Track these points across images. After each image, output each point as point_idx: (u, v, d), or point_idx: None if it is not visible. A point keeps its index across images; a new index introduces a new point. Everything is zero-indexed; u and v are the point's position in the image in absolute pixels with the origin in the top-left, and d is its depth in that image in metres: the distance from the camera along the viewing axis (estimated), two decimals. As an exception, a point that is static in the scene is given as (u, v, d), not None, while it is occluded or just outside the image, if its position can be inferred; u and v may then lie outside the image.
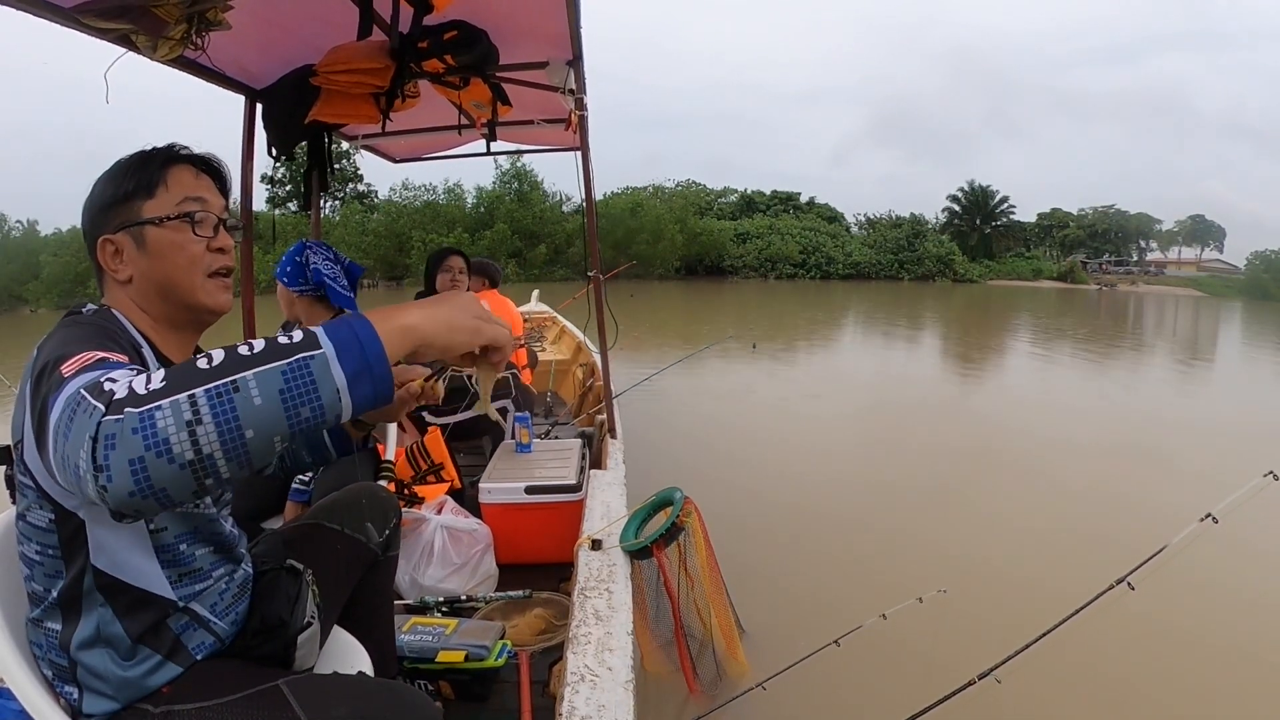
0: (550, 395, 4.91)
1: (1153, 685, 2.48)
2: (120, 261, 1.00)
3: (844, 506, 4.31)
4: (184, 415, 0.61)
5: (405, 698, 1.01)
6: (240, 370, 0.64)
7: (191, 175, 1.04)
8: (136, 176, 1.00)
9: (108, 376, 0.67)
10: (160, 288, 1.01)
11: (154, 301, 1.02)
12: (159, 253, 1.00)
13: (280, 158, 2.59)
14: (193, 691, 0.96)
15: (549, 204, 35.24)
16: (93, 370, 0.72)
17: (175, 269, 1.01)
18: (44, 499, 0.90)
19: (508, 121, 3.07)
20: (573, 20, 2.28)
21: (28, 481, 0.90)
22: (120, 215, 1.00)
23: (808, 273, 39.34)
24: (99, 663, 0.94)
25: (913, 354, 12.54)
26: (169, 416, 0.61)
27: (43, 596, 0.94)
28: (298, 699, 0.95)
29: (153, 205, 1.00)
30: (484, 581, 2.25)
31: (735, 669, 2.21)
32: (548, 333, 6.54)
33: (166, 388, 0.62)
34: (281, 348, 0.66)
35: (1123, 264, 52.66)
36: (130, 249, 1.00)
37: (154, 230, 1.00)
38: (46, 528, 0.91)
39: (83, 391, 0.66)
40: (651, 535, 2.00)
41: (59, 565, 0.92)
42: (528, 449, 2.68)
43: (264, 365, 0.64)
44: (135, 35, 1.67)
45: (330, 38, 2.23)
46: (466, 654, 1.69)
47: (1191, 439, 6.29)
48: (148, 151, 1.03)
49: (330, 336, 0.68)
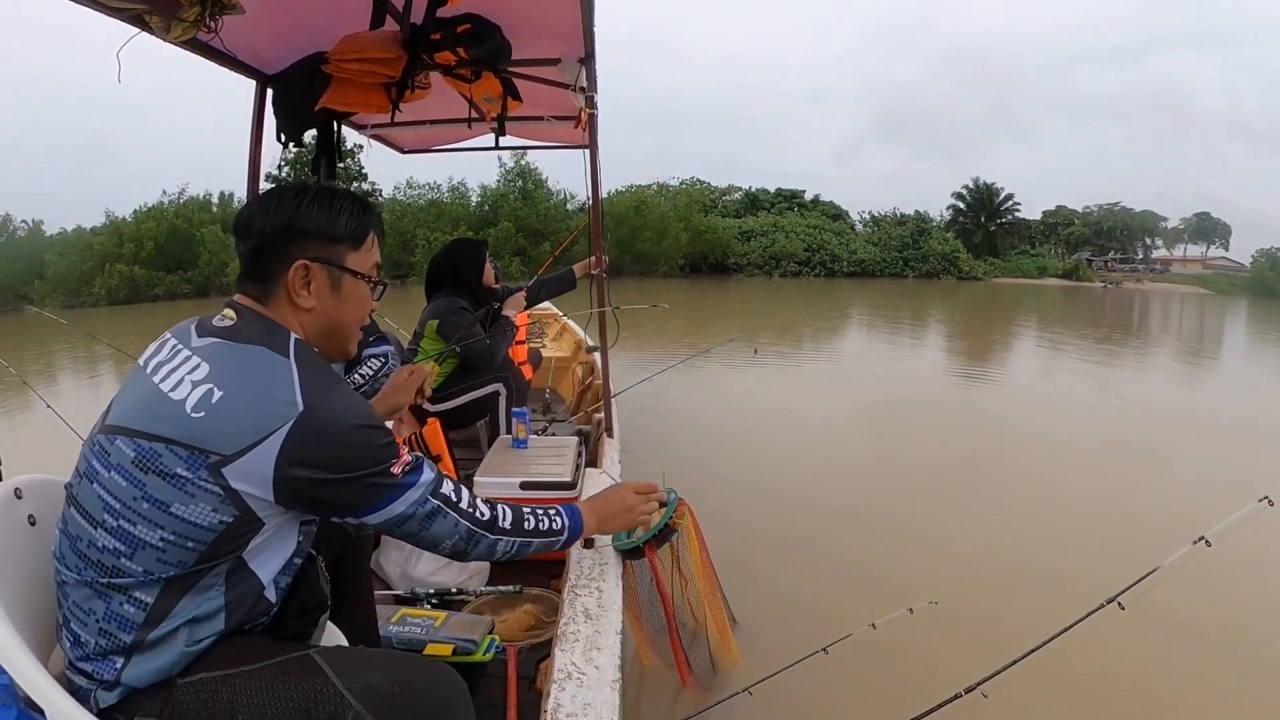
0: (549, 392, 4.91)
1: (1139, 706, 2.48)
2: (309, 290, 1.08)
3: (842, 506, 4.31)
4: (511, 548, 1.21)
5: (435, 669, 1.05)
6: (538, 538, 1.25)
7: (379, 240, 1.18)
8: (352, 224, 1.11)
9: (449, 491, 1.11)
10: (331, 328, 1.13)
11: (319, 335, 1.12)
12: (346, 300, 1.12)
13: (289, 144, 2.59)
14: (222, 659, 0.98)
15: (553, 202, 35.21)
16: (416, 477, 1.07)
17: (351, 317, 1.14)
18: (233, 504, 0.94)
19: (517, 117, 3.08)
20: (586, 18, 2.28)
21: (210, 487, 0.93)
22: (326, 250, 1.09)
23: (812, 270, 39.15)
24: (178, 635, 0.95)
25: (916, 352, 12.50)
26: (504, 546, 1.20)
27: (141, 576, 0.94)
28: (331, 666, 0.98)
29: (356, 257, 1.12)
30: (475, 575, 2.25)
31: (728, 660, 2.21)
32: (549, 329, 6.54)
33: (511, 530, 1.20)
34: (554, 529, 1.28)
35: (1128, 262, 52.36)
36: (323, 284, 1.09)
37: (350, 280, 1.12)
38: (210, 526, 0.94)
39: (439, 503, 1.09)
40: (644, 535, 2.00)
41: (193, 556, 0.95)
42: (524, 445, 2.68)
43: (546, 538, 1.26)
44: (149, 15, 1.67)
45: (343, 26, 2.23)
46: (455, 647, 1.69)
47: (1194, 441, 6.23)
48: (364, 204, 1.14)
49: (570, 521, 1.30)
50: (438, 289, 3.27)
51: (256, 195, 1.11)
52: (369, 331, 2.67)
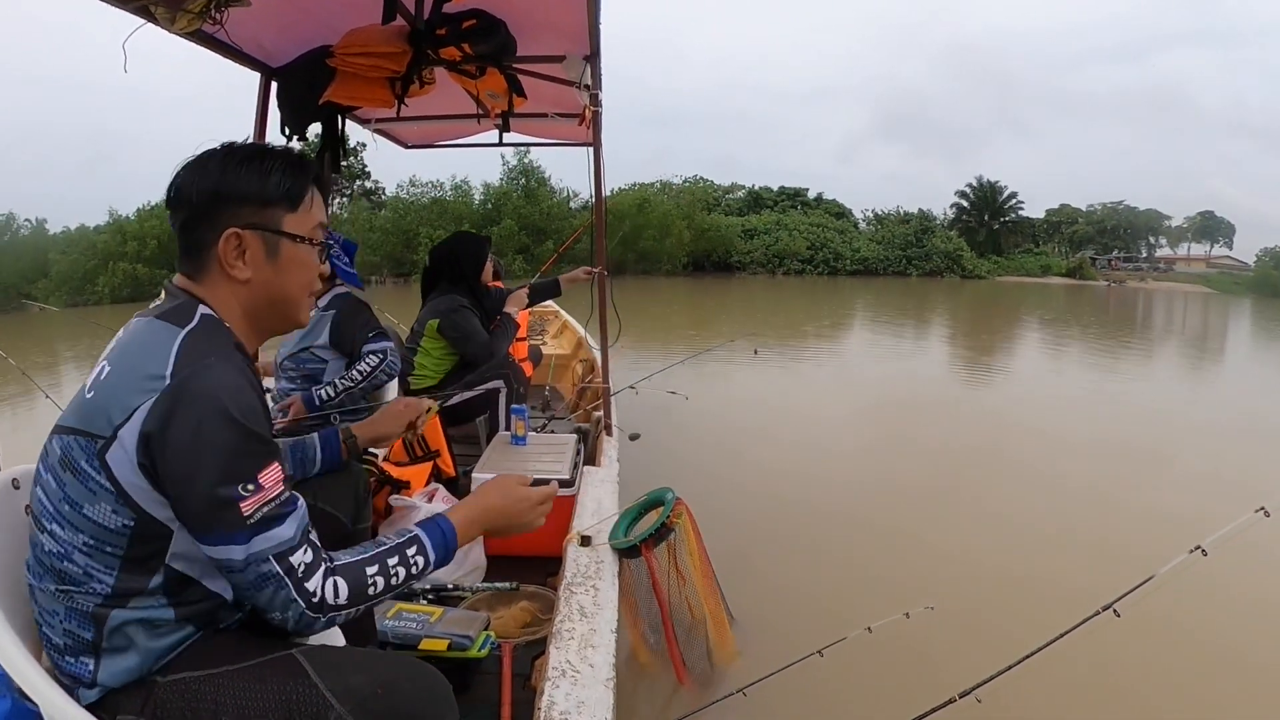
0: (549, 389, 4.91)
1: (1134, 711, 2.48)
2: (243, 261, 0.99)
3: (842, 506, 4.32)
4: (353, 615, 0.97)
5: (419, 670, 1.02)
6: (389, 594, 0.99)
7: (321, 198, 1.08)
8: (286, 183, 1.01)
9: (299, 562, 0.92)
10: (273, 299, 1.03)
11: (260, 308, 1.03)
12: (287, 268, 1.03)
13: (293, 137, 2.59)
14: (203, 658, 0.96)
15: (556, 200, 35.19)
16: (273, 528, 0.90)
17: (295, 286, 1.05)
18: (125, 503, 0.88)
19: (521, 113, 3.07)
20: (592, 16, 2.27)
21: (102, 481, 0.88)
22: (258, 215, 1.00)
23: (815, 269, 39.11)
24: (133, 637, 0.93)
25: (919, 351, 12.51)
26: (345, 616, 0.96)
27: (81, 579, 0.92)
28: (314, 666, 0.96)
29: (294, 220, 1.02)
30: (472, 571, 2.25)
31: (725, 657, 2.21)
32: (549, 326, 6.53)
33: (349, 604, 0.95)
34: (412, 576, 1.01)
35: (1132, 260, 52.11)
36: (258, 253, 1.00)
37: (289, 244, 1.02)
38: (116, 528, 0.89)
39: (278, 569, 0.90)
40: (640, 535, 2.01)
41: (116, 560, 0.91)
42: (523, 442, 2.68)
43: (402, 587, 1.00)
44: (154, 6, 1.67)
45: (348, 19, 2.23)
46: (450, 643, 1.69)
47: (1194, 443, 6.23)
48: (298, 160, 1.04)
49: (437, 559, 1.04)
50: (436, 283, 3.26)
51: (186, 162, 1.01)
52: (367, 327, 2.66)
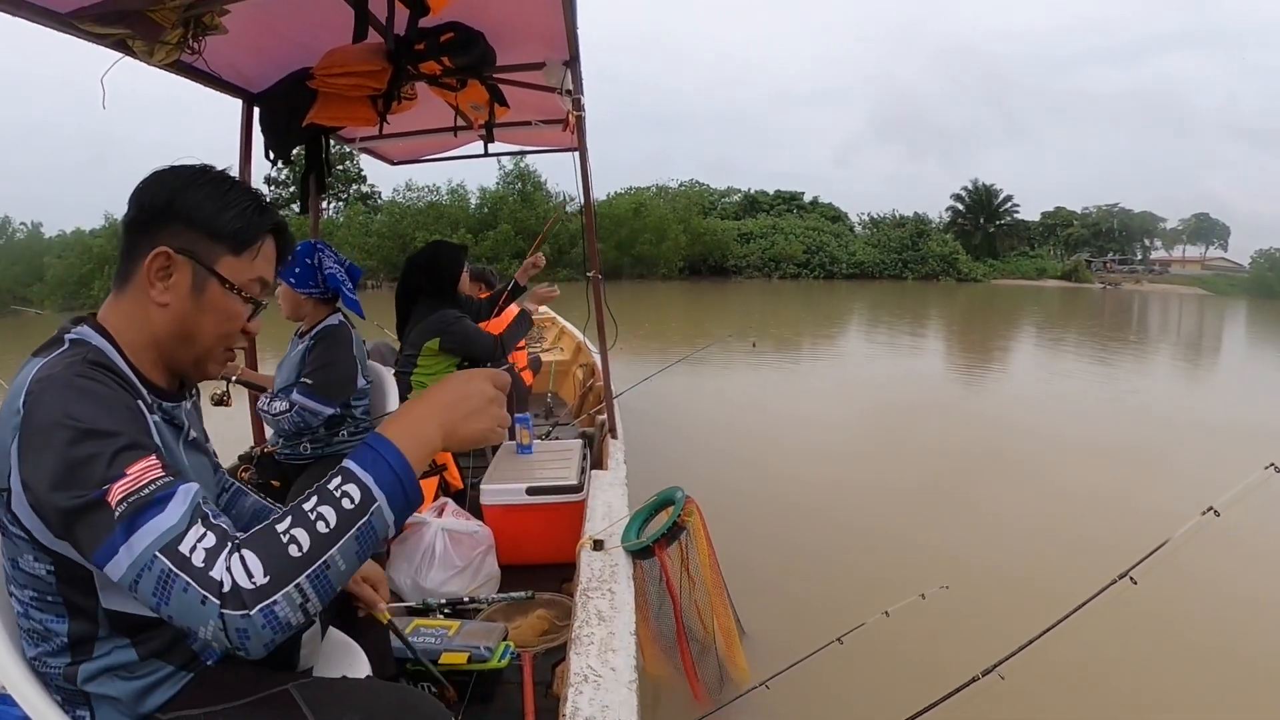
0: (550, 396, 4.91)
1: (1155, 679, 2.48)
2: (165, 284, 0.93)
3: (846, 507, 4.31)
4: (296, 601, 0.74)
5: (414, 700, 1.01)
6: (326, 550, 0.76)
7: (273, 251, 1.01)
8: (239, 224, 0.94)
9: (191, 548, 0.74)
10: (184, 335, 0.96)
11: (169, 338, 0.96)
12: (209, 308, 0.95)
13: (278, 162, 2.59)
14: (202, 696, 0.96)
15: (552, 204, 35.22)
16: (151, 518, 0.74)
17: (210, 331, 0.96)
18: (41, 551, 0.85)
19: (505, 123, 3.07)
20: (569, 21, 2.27)
21: (18, 531, 0.85)
22: (197, 244, 0.93)
23: (811, 272, 39.21)
24: (109, 687, 0.92)
25: (916, 354, 12.52)
26: (286, 606, 0.73)
27: (44, 635, 0.91)
28: (308, 703, 0.96)
29: (233, 264, 0.95)
30: (486, 583, 2.25)
31: (736, 673, 2.21)
32: (547, 333, 6.54)
33: (274, 582, 0.73)
34: (348, 514, 0.77)
35: (1127, 263, 52.27)
36: (183, 282, 0.93)
37: (218, 287, 0.95)
38: (44, 577, 0.87)
39: (169, 565, 0.73)
40: (653, 535, 2.00)
41: (59, 610, 0.89)
42: (528, 450, 2.68)
43: (342, 539, 0.76)
44: (131, 40, 1.67)
45: (326, 40, 2.23)
46: (470, 655, 1.69)
47: (1194, 436, 6.28)
48: (265, 207, 0.98)
49: (379, 485, 0.79)
50: (414, 296, 3.07)
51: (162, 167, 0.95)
52: (323, 369, 2.16)
